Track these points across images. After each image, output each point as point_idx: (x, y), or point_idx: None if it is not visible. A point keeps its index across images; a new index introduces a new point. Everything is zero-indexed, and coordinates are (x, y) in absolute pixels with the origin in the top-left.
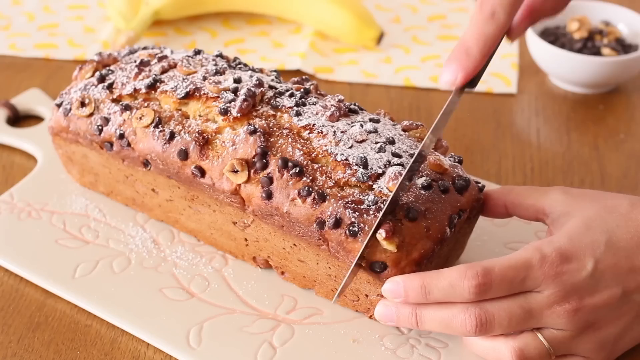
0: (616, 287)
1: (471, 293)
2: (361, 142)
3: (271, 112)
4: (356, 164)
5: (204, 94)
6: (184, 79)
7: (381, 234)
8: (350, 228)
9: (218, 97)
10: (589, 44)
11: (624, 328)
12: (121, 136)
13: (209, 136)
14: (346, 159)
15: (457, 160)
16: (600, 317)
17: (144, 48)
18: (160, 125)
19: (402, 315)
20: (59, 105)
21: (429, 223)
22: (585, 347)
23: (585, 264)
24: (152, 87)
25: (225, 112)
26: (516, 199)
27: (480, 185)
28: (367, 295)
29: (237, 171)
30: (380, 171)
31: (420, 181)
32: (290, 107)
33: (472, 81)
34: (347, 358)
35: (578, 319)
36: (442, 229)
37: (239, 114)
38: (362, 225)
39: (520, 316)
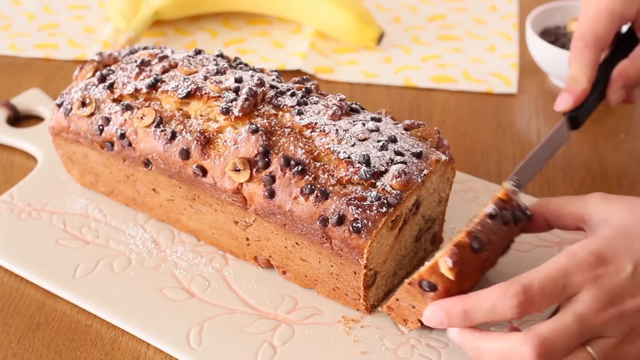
0: None
1: (514, 313)
2: (363, 140)
3: (273, 111)
4: (359, 162)
5: (205, 93)
6: (185, 79)
7: (447, 263)
8: (354, 224)
9: (219, 96)
10: None
11: None
12: (122, 136)
13: (211, 135)
14: (349, 157)
15: (515, 183)
16: None
17: (145, 48)
18: (161, 125)
19: (462, 344)
20: (59, 105)
21: (487, 255)
22: (630, 354)
23: (624, 266)
24: (153, 86)
25: (226, 111)
26: (555, 210)
27: (528, 213)
28: (397, 299)
29: (239, 170)
30: (382, 169)
31: (489, 209)
32: (291, 106)
33: (578, 121)
34: (347, 358)
35: (623, 323)
36: (494, 261)
37: (240, 113)
38: (365, 221)
39: (576, 333)
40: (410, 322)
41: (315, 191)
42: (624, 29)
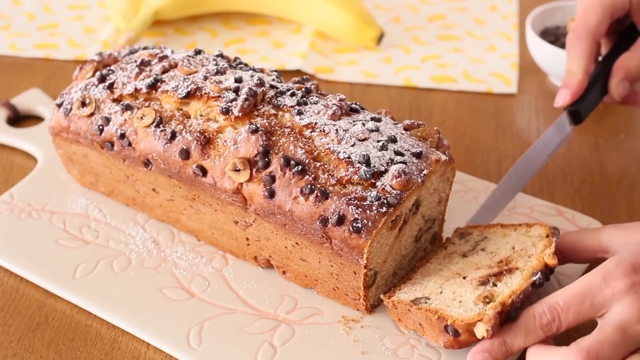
0: None
1: (545, 332)
2: (363, 140)
3: (273, 111)
4: (358, 162)
5: (205, 93)
6: (184, 79)
7: (488, 333)
8: (354, 224)
9: (219, 96)
10: None
11: None
12: (122, 136)
13: (211, 135)
14: (348, 157)
15: (558, 236)
16: None
17: (145, 48)
18: (161, 125)
19: None
20: (59, 105)
21: (516, 319)
22: None
23: None
24: (153, 86)
25: (226, 111)
26: (571, 244)
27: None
28: (409, 310)
29: (239, 170)
30: (382, 169)
31: (535, 278)
32: (291, 106)
33: (579, 115)
34: (347, 358)
35: None
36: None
37: (240, 113)
38: (365, 221)
39: (621, 342)
40: (406, 326)
41: (315, 191)
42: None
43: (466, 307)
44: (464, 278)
